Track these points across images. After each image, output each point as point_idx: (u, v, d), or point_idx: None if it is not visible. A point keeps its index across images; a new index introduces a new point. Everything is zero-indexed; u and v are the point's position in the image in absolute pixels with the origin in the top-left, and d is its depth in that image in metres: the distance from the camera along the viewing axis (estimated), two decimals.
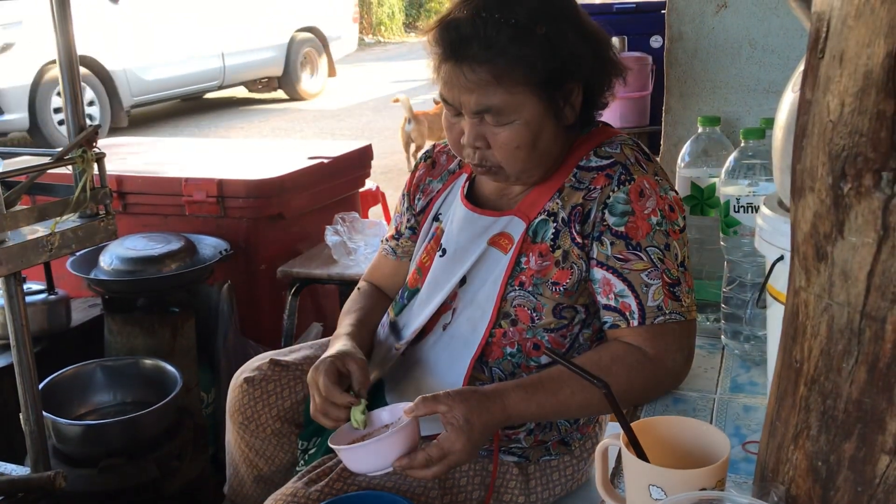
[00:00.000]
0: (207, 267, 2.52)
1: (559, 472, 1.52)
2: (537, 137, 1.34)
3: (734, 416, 1.29)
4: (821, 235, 0.73)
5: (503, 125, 1.33)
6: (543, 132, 1.35)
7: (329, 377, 1.36)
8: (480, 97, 1.31)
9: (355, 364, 1.40)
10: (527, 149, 1.34)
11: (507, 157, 1.35)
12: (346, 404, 1.34)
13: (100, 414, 2.31)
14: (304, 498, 1.33)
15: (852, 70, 0.68)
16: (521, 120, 1.32)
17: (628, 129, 3.84)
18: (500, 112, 1.31)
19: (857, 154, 0.68)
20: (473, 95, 1.31)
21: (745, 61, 1.91)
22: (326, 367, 1.38)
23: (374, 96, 10.55)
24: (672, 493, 0.85)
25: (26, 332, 1.79)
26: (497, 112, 1.31)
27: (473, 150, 1.37)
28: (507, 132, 1.33)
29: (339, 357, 1.41)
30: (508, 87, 1.30)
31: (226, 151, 3.34)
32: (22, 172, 1.76)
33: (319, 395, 1.36)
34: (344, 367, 1.39)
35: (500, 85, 1.29)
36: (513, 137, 1.33)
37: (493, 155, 1.36)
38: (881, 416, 0.71)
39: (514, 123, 1.32)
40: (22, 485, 1.79)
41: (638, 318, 1.33)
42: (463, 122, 1.36)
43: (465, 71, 1.30)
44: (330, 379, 1.36)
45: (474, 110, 1.33)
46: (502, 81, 1.29)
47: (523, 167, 1.37)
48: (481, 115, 1.33)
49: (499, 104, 1.31)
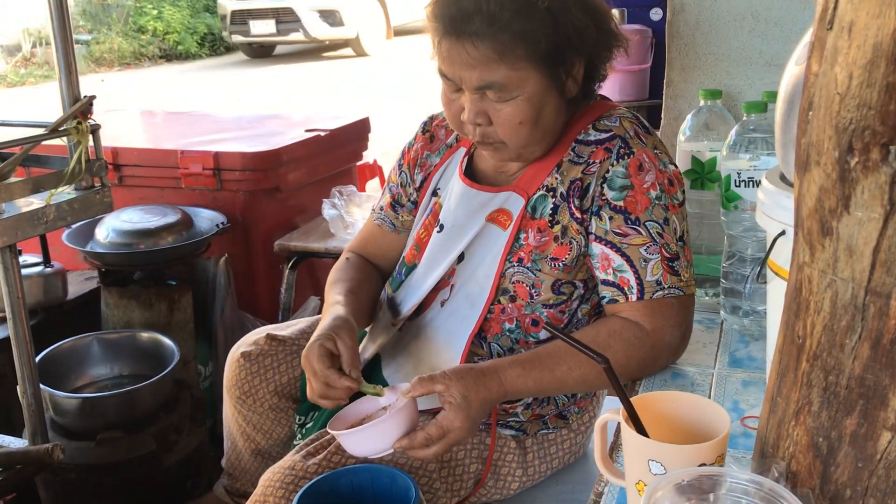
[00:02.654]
0: (204, 240, 2.51)
1: (556, 446, 1.53)
2: (540, 112, 1.33)
3: (732, 390, 1.29)
4: (826, 210, 0.72)
5: (506, 101, 1.31)
6: (546, 107, 1.33)
7: (323, 362, 1.34)
8: (483, 73, 1.28)
9: (343, 343, 1.36)
10: (530, 124, 1.32)
11: (510, 134, 1.33)
12: (345, 388, 1.33)
13: (97, 387, 2.31)
14: (301, 471, 1.33)
15: (861, 41, 0.66)
16: (523, 95, 1.30)
17: (627, 102, 3.81)
18: (503, 88, 1.29)
19: (864, 127, 0.67)
20: (476, 72, 1.29)
21: (747, 34, 1.89)
22: (318, 350, 1.35)
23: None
24: (672, 469, 0.85)
25: (22, 304, 1.79)
26: (500, 88, 1.29)
27: (475, 127, 1.35)
28: (510, 108, 1.31)
29: (329, 337, 1.37)
30: (511, 63, 1.27)
31: (223, 123, 3.31)
32: (16, 144, 1.74)
33: (317, 380, 1.34)
34: (335, 347, 1.37)
35: (503, 61, 1.27)
36: (516, 113, 1.31)
37: (496, 131, 1.34)
38: (884, 392, 0.71)
39: (517, 99, 1.30)
40: (20, 457, 1.79)
41: (636, 293, 1.33)
42: (463, 98, 1.34)
43: (468, 47, 1.27)
44: (324, 364, 1.34)
45: (476, 86, 1.30)
46: (505, 57, 1.27)
47: (526, 142, 1.35)
48: (483, 91, 1.31)
49: (502, 80, 1.28)
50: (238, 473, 1.79)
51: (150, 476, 2.09)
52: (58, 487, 2.07)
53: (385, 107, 7.70)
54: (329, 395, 1.34)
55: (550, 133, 1.38)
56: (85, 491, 2.06)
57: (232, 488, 1.83)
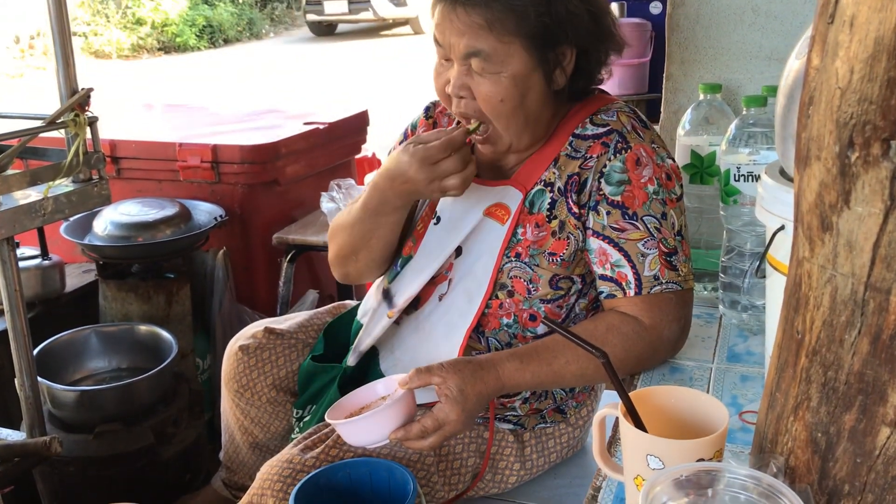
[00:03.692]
0: (203, 233, 2.51)
1: (554, 440, 1.53)
2: (524, 96, 1.32)
3: (731, 385, 1.29)
4: (826, 205, 0.72)
5: (489, 74, 1.30)
6: (531, 92, 1.33)
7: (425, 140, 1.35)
8: (470, 40, 1.29)
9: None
10: (511, 104, 1.32)
11: (491, 111, 1.33)
12: (462, 133, 1.33)
13: (95, 380, 2.31)
14: (299, 464, 1.33)
15: (863, 35, 0.66)
16: (507, 73, 1.30)
17: (626, 96, 3.81)
18: (488, 59, 1.29)
19: (865, 122, 0.67)
20: (464, 38, 1.29)
21: (747, 28, 1.88)
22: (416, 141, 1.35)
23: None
24: (670, 463, 0.84)
25: (20, 297, 1.78)
26: (485, 58, 1.29)
27: (458, 100, 1.35)
28: (493, 84, 1.30)
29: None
30: (499, 35, 1.28)
31: (221, 116, 3.30)
32: (13, 136, 1.73)
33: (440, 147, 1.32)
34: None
35: (491, 31, 1.28)
36: (498, 90, 1.31)
37: (478, 107, 1.34)
38: (883, 387, 0.71)
39: (501, 75, 1.30)
40: (18, 449, 1.79)
41: (634, 288, 1.32)
42: (451, 71, 1.34)
43: (459, 13, 1.28)
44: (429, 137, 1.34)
45: (463, 53, 1.30)
46: (494, 27, 1.28)
47: (508, 124, 1.34)
48: (469, 63, 1.31)
49: (488, 50, 1.29)
50: (236, 466, 1.79)
51: (147, 469, 2.09)
52: (56, 480, 2.07)
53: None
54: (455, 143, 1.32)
55: (536, 122, 1.37)
56: (83, 484, 2.06)
57: (230, 481, 1.83)
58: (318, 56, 12.18)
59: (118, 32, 12.88)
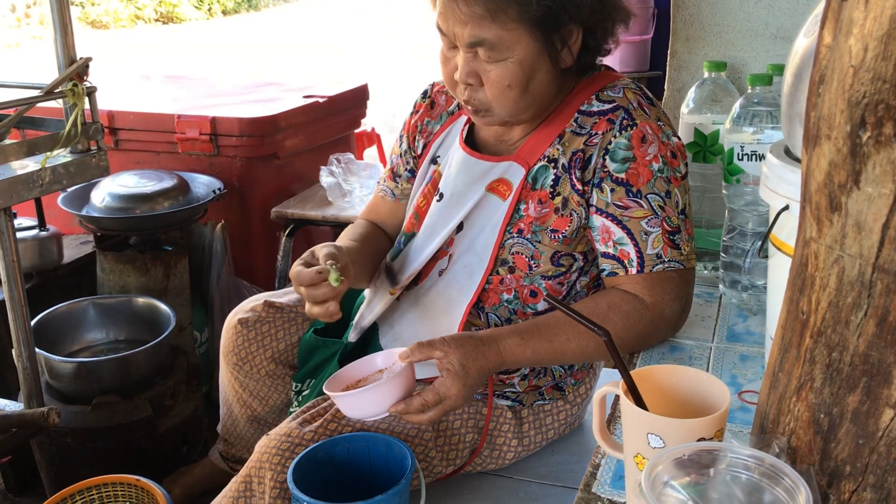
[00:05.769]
0: (201, 206, 2.50)
1: (552, 417, 1.53)
2: (530, 78, 1.31)
3: (730, 364, 1.29)
4: (835, 185, 0.71)
5: (496, 62, 1.29)
6: (537, 74, 1.32)
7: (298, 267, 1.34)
8: (474, 30, 1.27)
9: (318, 252, 1.36)
10: (518, 88, 1.31)
11: (497, 96, 1.32)
12: (317, 273, 1.30)
13: (92, 351, 2.31)
14: (297, 438, 1.33)
15: (878, 13, 0.65)
16: (514, 58, 1.29)
17: (628, 73, 3.77)
18: (494, 47, 1.28)
19: (878, 101, 0.66)
20: (467, 28, 1.28)
21: (753, 5, 1.86)
22: (297, 267, 1.34)
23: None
24: (671, 442, 0.84)
25: (17, 267, 1.77)
26: (490, 47, 1.28)
27: (465, 87, 1.34)
28: (500, 69, 1.29)
29: (309, 253, 1.37)
30: (503, 23, 1.26)
31: (220, 88, 3.28)
32: (10, 105, 1.72)
33: (298, 285, 1.32)
34: (313, 258, 1.36)
35: (494, 20, 1.26)
36: (505, 76, 1.30)
37: (485, 94, 1.33)
38: (888, 369, 0.70)
39: (507, 61, 1.29)
40: (16, 420, 1.79)
41: (636, 266, 1.32)
42: (458, 58, 1.33)
43: (460, 4, 1.27)
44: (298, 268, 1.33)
45: (468, 42, 1.29)
46: (496, 17, 1.26)
47: (513, 108, 1.34)
48: (475, 50, 1.30)
49: (492, 39, 1.27)
50: (234, 439, 1.80)
51: (145, 441, 2.09)
52: (53, 451, 2.08)
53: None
54: (312, 296, 1.31)
55: (540, 100, 1.36)
56: (80, 455, 2.06)
57: (227, 454, 1.83)
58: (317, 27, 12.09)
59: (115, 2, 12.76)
